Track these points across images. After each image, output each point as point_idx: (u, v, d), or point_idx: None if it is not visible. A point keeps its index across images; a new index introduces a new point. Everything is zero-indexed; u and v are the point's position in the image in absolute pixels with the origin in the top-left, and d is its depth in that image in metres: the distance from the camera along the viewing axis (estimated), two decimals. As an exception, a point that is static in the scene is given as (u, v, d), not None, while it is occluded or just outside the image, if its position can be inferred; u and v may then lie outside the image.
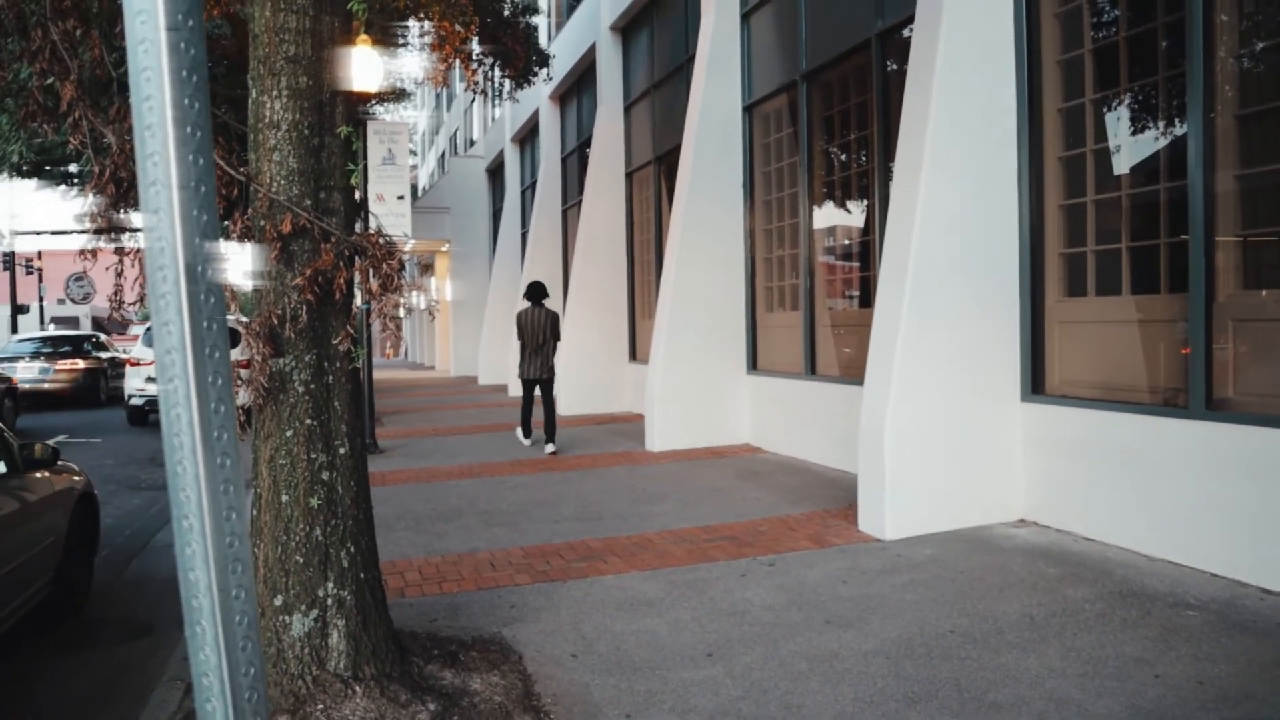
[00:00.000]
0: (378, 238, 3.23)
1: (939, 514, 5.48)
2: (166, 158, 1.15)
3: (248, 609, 1.22)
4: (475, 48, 9.60)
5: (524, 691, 3.38)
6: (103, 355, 18.96)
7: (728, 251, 9.53)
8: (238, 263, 3.02)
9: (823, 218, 8.47)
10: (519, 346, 9.40)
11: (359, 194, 3.88)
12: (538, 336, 9.25)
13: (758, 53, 9.47)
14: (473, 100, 27.87)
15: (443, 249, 27.13)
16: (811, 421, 8.20)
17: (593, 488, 7.38)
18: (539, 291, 9.46)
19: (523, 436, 9.89)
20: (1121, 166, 5.35)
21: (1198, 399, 4.60)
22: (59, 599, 4.58)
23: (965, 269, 5.59)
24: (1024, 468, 5.66)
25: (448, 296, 25.78)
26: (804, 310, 8.49)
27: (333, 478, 3.19)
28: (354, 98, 4.02)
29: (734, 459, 8.56)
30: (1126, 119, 5.32)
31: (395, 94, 16.81)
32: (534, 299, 9.40)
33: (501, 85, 11.06)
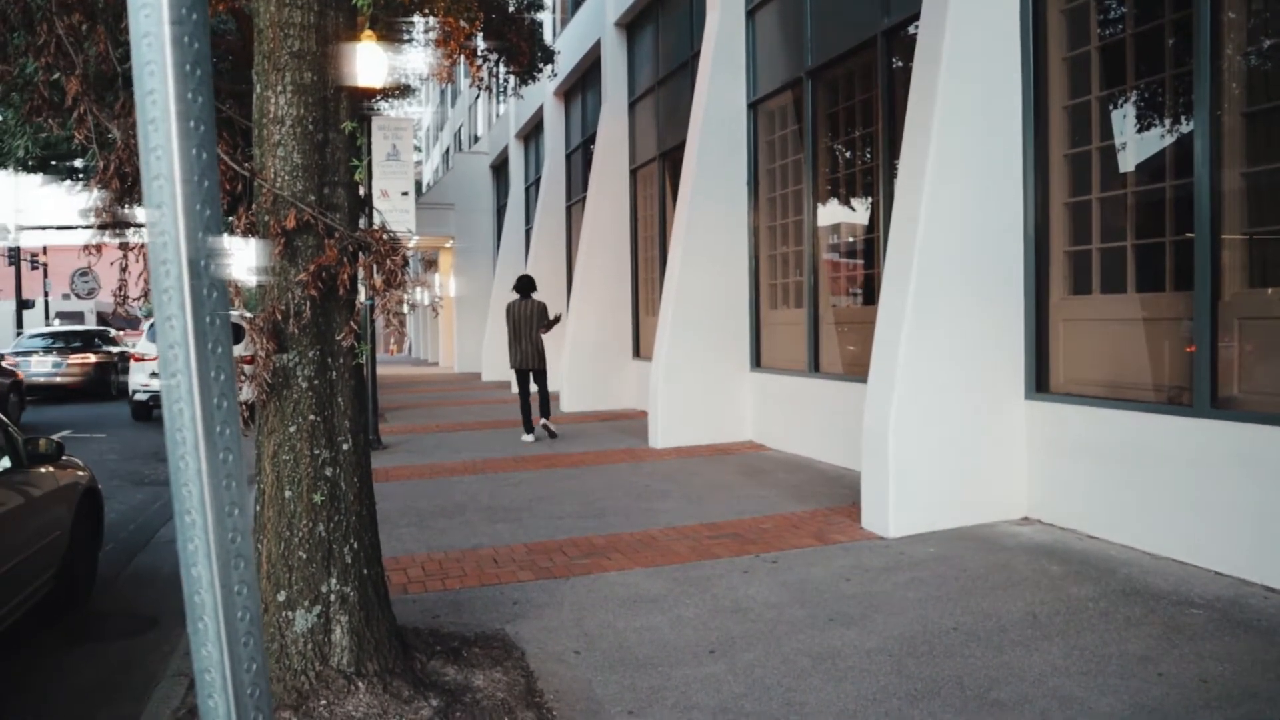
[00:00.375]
0: (382, 233, 3.23)
1: (942, 512, 5.47)
2: (170, 152, 1.15)
3: (250, 605, 1.22)
4: (480, 43, 9.59)
5: (526, 688, 3.38)
6: (113, 350, 19.50)
7: (731, 248, 9.52)
8: (242, 258, 3.02)
9: (827, 215, 8.46)
10: (509, 337, 9.84)
11: (363, 190, 3.87)
12: (527, 325, 9.71)
13: (763, 49, 9.44)
14: (477, 96, 27.85)
15: (447, 245, 27.14)
16: (815, 419, 8.19)
17: (596, 484, 7.38)
18: (528, 285, 9.96)
19: (525, 434, 9.94)
20: (1127, 164, 5.33)
21: (1202, 397, 4.59)
22: (63, 593, 4.60)
23: (969, 266, 5.57)
24: (1028, 465, 5.65)
25: (451, 293, 25.78)
26: (808, 307, 8.47)
27: (336, 473, 3.19)
28: (358, 93, 4.02)
29: (737, 456, 8.56)
30: (1132, 116, 5.30)
31: (400, 90, 16.79)
32: (523, 292, 9.89)
33: (506, 81, 11.04)
